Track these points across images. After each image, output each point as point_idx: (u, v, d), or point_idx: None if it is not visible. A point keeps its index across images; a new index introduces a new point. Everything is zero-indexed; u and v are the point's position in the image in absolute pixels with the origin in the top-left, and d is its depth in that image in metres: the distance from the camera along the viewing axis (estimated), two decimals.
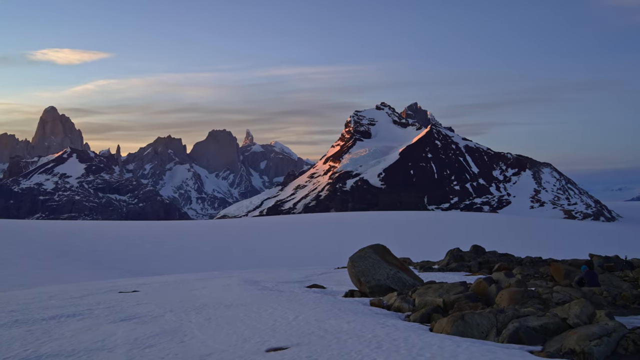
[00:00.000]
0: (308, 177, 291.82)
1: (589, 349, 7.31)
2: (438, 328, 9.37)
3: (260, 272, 27.09)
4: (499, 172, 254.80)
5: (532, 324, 8.64)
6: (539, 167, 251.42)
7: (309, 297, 14.35)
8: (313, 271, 26.67)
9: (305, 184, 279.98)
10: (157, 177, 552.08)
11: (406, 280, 16.28)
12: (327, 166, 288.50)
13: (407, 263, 28.62)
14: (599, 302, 11.99)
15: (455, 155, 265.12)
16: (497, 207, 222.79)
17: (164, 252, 55.69)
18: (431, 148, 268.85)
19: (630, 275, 17.28)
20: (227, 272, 29.31)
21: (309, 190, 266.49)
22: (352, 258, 16.81)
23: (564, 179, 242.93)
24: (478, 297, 12.01)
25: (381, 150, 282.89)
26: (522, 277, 18.42)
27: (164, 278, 26.72)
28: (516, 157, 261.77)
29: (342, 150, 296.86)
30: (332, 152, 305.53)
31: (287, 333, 9.54)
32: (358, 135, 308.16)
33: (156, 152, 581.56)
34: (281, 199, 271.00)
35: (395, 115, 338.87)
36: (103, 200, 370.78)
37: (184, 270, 41.01)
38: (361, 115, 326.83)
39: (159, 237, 68.95)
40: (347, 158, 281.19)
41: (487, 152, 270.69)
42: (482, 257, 27.38)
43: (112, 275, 38.68)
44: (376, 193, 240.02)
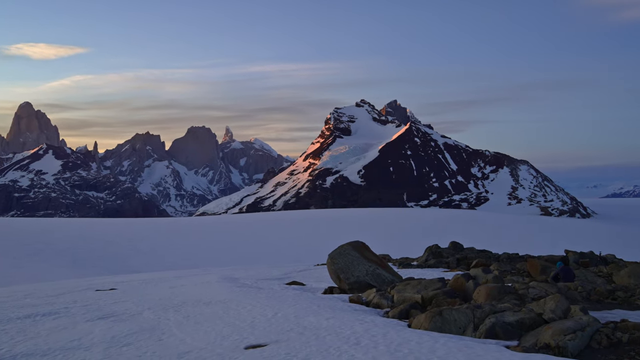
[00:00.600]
0: (288, 174, 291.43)
1: (563, 344, 7.43)
2: (416, 324, 9.43)
3: (240, 270, 27.01)
4: (477, 169, 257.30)
5: (508, 319, 8.75)
6: (517, 165, 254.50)
7: (288, 294, 14.35)
8: (292, 268, 26.66)
9: (285, 181, 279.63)
10: (135, 174, 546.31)
11: (385, 276, 16.36)
12: (307, 163, 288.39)
13: (386, 260, 28.76)
14: (573, 297, 12.19)
15: (434, 153, 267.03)
16: (476, 204, 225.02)
17: (143, 250, 55.20)
18: (410, 145, 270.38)
19: (604, 270, 17.60)
20: (206, 270, 29.17)
21: (288, 187, 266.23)
22: (332, 255, 16.84)
23: (540, 176, 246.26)
24: (456, 293, 12.11)
25: (361, 147, 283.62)
26: (499, 273, 18.64)
27: (142, 276, 26.49)
28: (494, 155, 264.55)
29: (322, 147, 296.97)
30: (312, 149, 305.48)
31: (266, 330, 9.53)
32: (338, 132, 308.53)
33: (134, 148, 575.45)
34: (261, 196, 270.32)
35: (375, 113, 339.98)
36: (80, 197, 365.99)
37: (162, 268, 40.70)
38: (341, 112, 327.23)
39: (137, 234, 68.34)
40: (327, 155, 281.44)
41: (466, 149, 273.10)
42: (460, 254, 27.61)
43: (89, 273, 38.23)
44: (356, 190, 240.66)
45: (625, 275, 15.96)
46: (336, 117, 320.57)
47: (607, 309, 11.13)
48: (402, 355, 7.21)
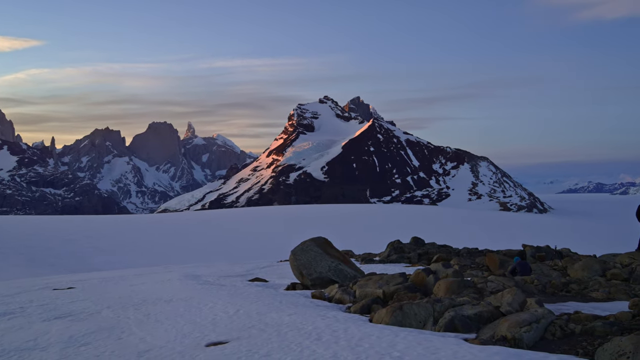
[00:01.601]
0: (251, 170, 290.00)
1: (519, 335, 7.62)
2: (377, 319, 9.52)
3: (202, 267, 26.75)
4: (439, 165, 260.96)
5: (467, 312, 8.91)
6: (477, 161, 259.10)
7: (250, 290, 14.30)
8: (255, 265, 26.55)
9: (248, 177, 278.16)
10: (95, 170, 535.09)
11: (347, 272, 16.47)
12: (270, 159, 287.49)
13: (349, 255, 28.92)
14: (530, 290, 12.49)
15: (396, 149, 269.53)
16: (437, 200, 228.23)
17: (102, 248, 54.09)
18: (373, 142, 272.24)
19: (559, 264, 18.09)
20: (168, 267, 28.79)
21: (252, 183, 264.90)
22: (294, 251, 16.86)
23: (499, 173, 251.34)
24: (417, 288, 12.28)
25: (324, 143, 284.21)
26: (459, 267, 18.96)
27: (101, 274, 25.98)
28: (455, 151, 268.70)
29: (285, 144, 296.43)
30: (275, 145, 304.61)
31: (227, 327, 9.48)
32: (301, 128, 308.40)
33: (93, 144, 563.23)
34: (224, 192, 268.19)
35: (338, 109, 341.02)
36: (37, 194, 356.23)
37: (122, 266, 39.96)
38: (304, 108, 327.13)
39: (97, 232, 66.95)
40: (291, 151, 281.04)
41: (427, 146, 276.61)
42: (421, 249, 27.98)
43: (46, 272, 37.25)
44: (319, 186, 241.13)
45: (579, 269, 16.44)
46: (299, 114, 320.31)
47: (562, 302, 11.44)
48: (363, 349, 7.28)
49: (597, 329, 7.82)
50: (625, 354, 6.47)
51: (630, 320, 8.28)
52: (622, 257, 17.45)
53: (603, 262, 17.03)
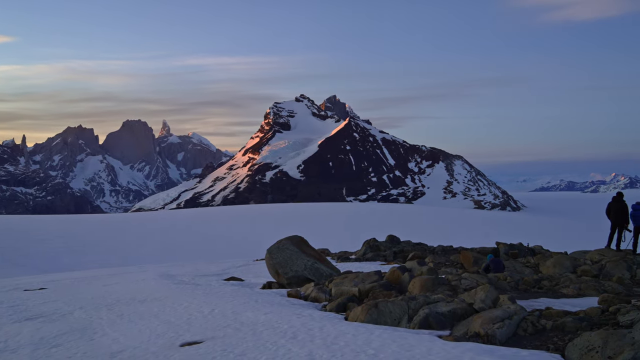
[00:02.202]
0: (227, 169, 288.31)
1: (492, 332, 7.73)
2: (353, 317, 9.56)
3: (177, 266, 26.54)
4: (414, 164, 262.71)
5: (441, 309, 9.00)
6: (451, 160, 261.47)
7: (226, 290, 14.24)
8: (231, 264, 26.43)
9: (224, 176, 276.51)
10: (67, 168, 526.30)
11: (323, 270, 16.49)
12: (247, 158, 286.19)
13: (325, 254, 28.97)
14: (503, 287, 12.67)
15: (372, 148, 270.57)
16: (413, 198, 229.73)
17: (74, 247, 53.21)
18: (349, 140, 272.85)
19: (531, 261, 18.39)
20: (142, 267, 28.50)
21: (227, 182, 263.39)
22: (270, 250, 16.82)
23: (474, 171, 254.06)
24: (392, 286, 12.36)
25: (300, 142, 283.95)
26: (433, 265, 19.15)
27: (74, 274, 25.59)
28: (430, 150, 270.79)
29: (261, 142, 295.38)
30: (251, 144, 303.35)
31: (202, 327, 9.43)
32: (277, 127, 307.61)
33: (66, 142, 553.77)
34: (199, 191, 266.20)
35: (315, 108, 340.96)
36: (7, 193, 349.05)
37: (96, 266, 39.39)
38: (280, 107, 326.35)
39: (69, 231, 65.83)
40: (267, 150, 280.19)
41: (403, 144, 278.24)
42: (397, 247, 28.15)
43: (17, 272, 36.52)
44: (295, 185, 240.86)
45: (551, 265, 16.74)
46: (276, 112, 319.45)
47: (534, 298, 11.62)
48: (338, 347, 7.30)
49: (568, 324, 7.97)
50: (594, 348, 6.60)
51: (599, 315, 8.46)
52: (592, 254, 17.81)
53: (574, 259, 17.37)
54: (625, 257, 16.56)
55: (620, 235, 18.80)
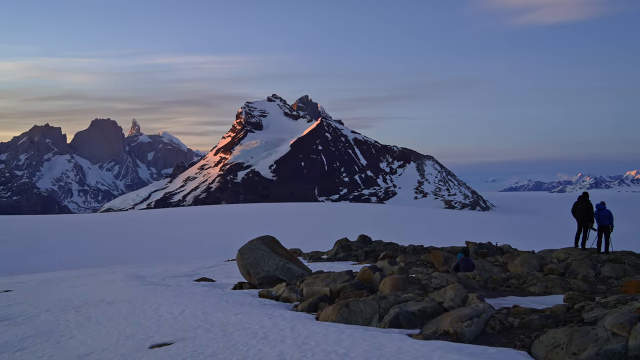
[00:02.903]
0: (198, 168, 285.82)
1: (460, 330, 7.83)
2: (324, 316, 9.58)
3: (147, 267, 26.22)
4: (386, 164, 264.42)
5: (411, 308, 9.09)
6: (422, 160, 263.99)
7: (196, 290, 14.13)
8: (202, 264, 26.23)
9: (196, 176, 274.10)
10: (34, 168, 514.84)
11: (295, 270, 16.48)
12: (218, 157, 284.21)
13: (296, 254, 28.96)
14: (472, 285, 12.84)
15: (344, 148, 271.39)
16: (384, 198, 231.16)
17: (42, 248, 52.13)
18: (321, 140, 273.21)
19: (500, 260, 18.68)
20: (111, 268, 28.08)
21: (199, 182, 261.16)
22: (241, 250, 16.74)
23: (444, 171, 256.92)
24: (363, 285, 12.42)
25: (272, 142, 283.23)
26: (404, 264, 19.31)
27: (41, 276, 25.08)
28: (401, 150, 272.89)
29: (233, 142, 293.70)
30: (223, 144, 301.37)
31: (172, 328, 9.34)
32: (249, 126, 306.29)
33: (32, 141, 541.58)
34: (170, 191, 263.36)
35: (287, 107, 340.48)
36: None
37: (64, 267, 38.64)
38: (252, 106, 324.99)
39: (36, 232, 64.47)
40: (239, 149, 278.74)
41: (375, 145, 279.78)
42: (368, 247, 28.30)
43: None
44: (267, 185, 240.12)
45: (519, 264, 17.03)
46: (247, 112, 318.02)
47: (502, 296, 11.81)
48: (309, 347, 7.31)
49: (534, 322, 8.12)
50: (559, 345, 6.75)
51: (565, 313, 8.63)
52: (559, 252, 18.18)
53: (541, 257, 17.71)
54: (590, 256, 16.95)
55: (586, 235, 19.23)
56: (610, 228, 18.79)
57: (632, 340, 6.37)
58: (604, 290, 12.84)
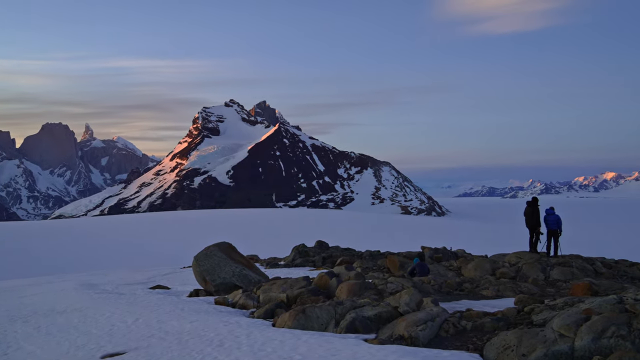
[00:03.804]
0: (154, 174, 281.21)
1: (415, 334, 7.95)
2: (280, 323, 9.57)
3: (100, 275, 25.59)
4: (343, 170, 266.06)
5: (367, 313, 9.16)
6: (379, 166, 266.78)
7: (151, 298, 13.87)
8: (157, 272, 25.78)
9: (151, 182, 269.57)
10: None
11: (252, 277, 16.39)
12: (174, 163, 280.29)
13: (254, 260, 28.79)
14: (427, 290, 13.04)
15: (302, 154, 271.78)
16: (342, 204, 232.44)
17: None
18: (279, 146, 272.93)
19: (454, 264, 19.03)
20: (63, 276, 27.29)
21: (154, 187, 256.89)
22: (197, 257, 16.54)
23: (401, 177, 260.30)
24: (320, 291, 12.45)
25: (230, 147, 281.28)
26: (361, 270, 19.44)
27: None
28: (359, 156, 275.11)
29: (189, 147, 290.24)
30: (179, 149, 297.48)
31: (125, 337, 9.15)
32: (206, 132, 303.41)
33: None
34: (124, 197, 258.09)
35: (244, 113, 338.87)
36: None
37: (12, 276, 37.32)
38: (209, 111, 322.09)
39: None
40: (195, 155, 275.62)
41: (332, 151, 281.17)
42: (326, 252, 28.37)
43: None
44: (225, 191, 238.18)
45: (472, 268, 17.39)
46: (204, 117, 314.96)
47: (456, 300, 12.03)
48: (265, 354, 7.28)
49: (486, 324, 8.31)
50: (510, 347, 6.93)
51: (515, 315, 8.86)
52: (510, 256, 18.65)
53: (493, 261, 18.14)
54: (540, 260, 17.46)
55: (537, 238, 19.79)
56: (559, 232, 19.38)
57: (578, 341, 6.60)
58: (553, 293, 13.24)
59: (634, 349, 6.24)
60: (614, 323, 6.64)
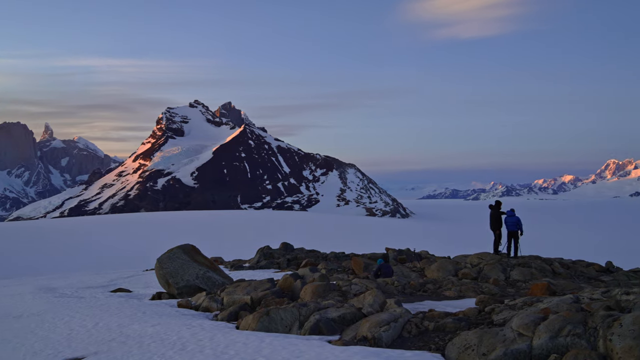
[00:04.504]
0: (116, 175, 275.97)
1: (378, 335, 8.01)
2: (244, 325, 9.51)
3: (59, 278, 25.01)
4: (309, 172, 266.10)
5: (331, 315, 9.19)
6: (345, 168, 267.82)
7: (112, 302, 13.62)
8: (119, 275, 25.35)
9: (113, 183, 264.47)
10: None
11: (216, 279, 16.25)
12: (137, 164, 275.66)
13: (218, 262, 28.56)
14: (390, 291, 13.15)
15: (267, 155, 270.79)
16: (307, 206, 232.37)
17: None
18: (244, 147, 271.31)
19: (418, 266, 19.24)
20: (19, 280, 26.55)
21: (116, 189, 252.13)
22: (160, 259, 16.32)
23: (366, 179, 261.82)
24: (284, 293, 12.44)
25: (194, 148, 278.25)
26: (326, 271, 19.48)
27: None
28: (324, 158, 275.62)
29: (153, 148, 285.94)
30: (142, 150, 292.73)
31: (84, 342, 8.95)
32: (170, 132, 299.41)
33: None
34: (85, 198, 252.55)
35: (209, 114, 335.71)
36: None
37: None
38: (174, 112, 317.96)
39: None
40: (159, 156, 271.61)
41: (298, 152, 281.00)
42: (290, 254, 28.34)
43: None
44: (189, 192, 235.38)
45: (435, 269, 17.62)
46: (168, 117, 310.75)
47: (419, 301, 12.17)
48: (228, 357, 7.23)
49: (448, 325, 8.43)
50: (470, 346, 7.05)
51: (476, 315, 9.02)
52: (472, 257, 18.96)
53: (456, 262, 18.41)
54: (501, 260, 17.80)
55: (497, 240, 20.18)
56: (520, 233, 19.78)
57: (536, 339, 6.75)
58: (513, 293, 13.51)
59: (589, 347, 6.42)
60: (570, 322, 6.82)
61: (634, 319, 6.24)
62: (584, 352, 6.14)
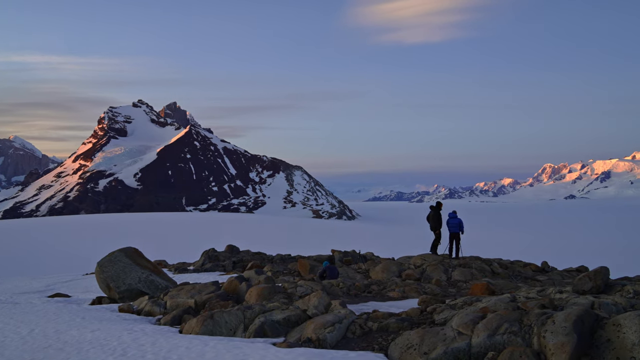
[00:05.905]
0: (54, 176, 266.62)
1: (323, 336, 8.07)
2: (188, 329, 9.39)
3: None
4: (255, 174, 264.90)
5: (276, 317, 9.19)
6: (292, 170, 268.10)
7: (49, 307, 13.13)
8: (57, 279, 24.48)
9: (52, 184, 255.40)
10: None
11: (159, 283, 15.95)
12: (77, 165, 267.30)
13: (161, 266, 28.03)
14: (335, 292, 13.25)
15: (213, 157, 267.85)
16: (254, 208, 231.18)
17: None
18: (190, 149, 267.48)
19: (363, 267, 19.47)
20: None
21: (55, 190, 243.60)
22: (101, 263, 15.87)
23: (313, 181, 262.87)
24: (229, 296, 12.33)
25: (137, 149, 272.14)
26: (272, 274, 19.45)
27: None
28: (271, 160, 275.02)
29: (94, 148, 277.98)
30: (83, 150, 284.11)
31: (19, 349, 8.60)
32: (113, 132, 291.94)
33: None
34: (21, 200, 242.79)
35: (154, 114, 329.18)
36: None
37: None
38: (116, 112, 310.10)
39: None
40: (100, 156, 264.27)
41: (245, 154, 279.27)
42: (236, 257, 28.13)
43: None
44: (132, 194, 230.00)
45: (380, 271, 17.87)
46: (111, 117, 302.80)
47: (364, 302, 12.31)
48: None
49: (391, 325, 8.57)
50: (412, 346, 7.20)
51: (419, 315, 9.21)
52: (415, 258, 19.35)
53: (400, 264, 18.73)
54: (443, 261, 18.24)
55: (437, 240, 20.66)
56: (461, 234, 20.30)
57: (475, 338, 6.96)
58: (454, 293, 13.87)
59: (525, 344, 6.67)
60: (506, 320, 7.07)
61: (565, 317, 6.53)
62: (519, 349, 6.37)
